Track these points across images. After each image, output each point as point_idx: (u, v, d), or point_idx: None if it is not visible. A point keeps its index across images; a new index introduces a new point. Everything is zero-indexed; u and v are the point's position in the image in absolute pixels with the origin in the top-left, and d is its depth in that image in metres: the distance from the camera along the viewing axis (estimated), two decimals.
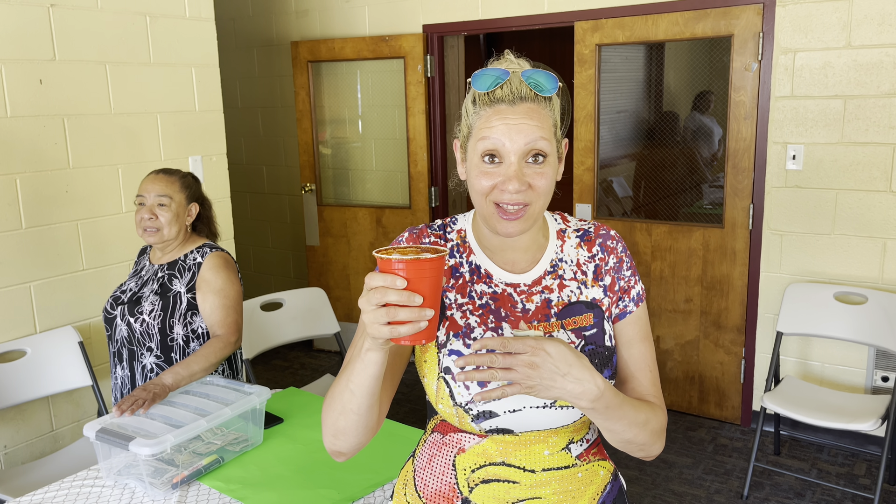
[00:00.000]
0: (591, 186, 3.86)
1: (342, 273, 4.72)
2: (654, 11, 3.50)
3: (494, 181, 1.08)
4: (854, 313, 3.09)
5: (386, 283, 0.91)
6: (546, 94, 1.09)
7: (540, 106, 1.09)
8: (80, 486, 1.82)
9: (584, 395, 0.99)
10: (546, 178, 1.08)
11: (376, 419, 1.09)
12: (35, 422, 2.82)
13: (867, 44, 3.07)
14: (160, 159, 3.17)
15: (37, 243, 2.76)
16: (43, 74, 2.74)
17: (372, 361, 0.99)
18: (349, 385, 1.03)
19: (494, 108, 1.08)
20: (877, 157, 3.13)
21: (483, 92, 1.09)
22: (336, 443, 1.10)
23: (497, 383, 1.03)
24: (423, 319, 0.92)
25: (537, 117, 1.07)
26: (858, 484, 3.09)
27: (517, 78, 1.09)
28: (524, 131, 1.06)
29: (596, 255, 1.20)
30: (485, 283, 1.16)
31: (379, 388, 1.03)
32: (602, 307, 1.17)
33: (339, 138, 4.76)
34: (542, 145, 1.07)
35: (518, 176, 1.06)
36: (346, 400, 1.04)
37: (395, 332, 0.91)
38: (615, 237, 1.22)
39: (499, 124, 1.07)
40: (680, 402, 3.79)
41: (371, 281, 0.92)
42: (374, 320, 0.91)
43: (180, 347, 2.20)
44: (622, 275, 1.20)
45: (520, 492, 1.12)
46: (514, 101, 1.07)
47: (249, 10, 4.94)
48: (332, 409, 1.08)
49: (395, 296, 0.90)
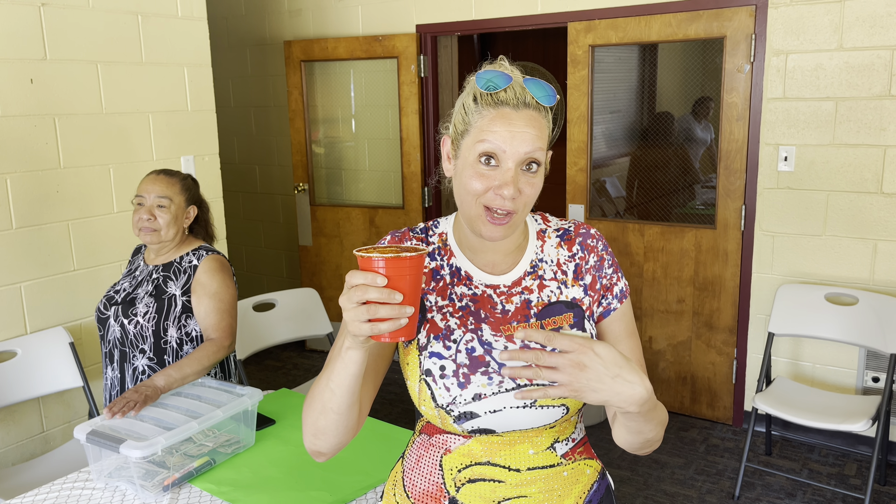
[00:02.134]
0: (584, 187, 3.87)
1: (335, 273, 4.71)
2: (647, 13, 3.51)
3: (488, 184, 1.08)
4: (845, 314, 3.11)
5: (366, 280, 0.92)
6: (548, 104, 1.10)
7: (540, 115, 1.10)
8: (71, 488, 1.81)
9: (633, 398, 0.95)
10: (535, 188, 1.10)
11: (356, 419, 1.10)
12: (26, 423, 2.81)
13: (859, 46, 3.08)
14: (152, 159, 3.16)
15: (27, 243, 2.74)
16: (34, 74, 2.72)
17: (352, 360, 1.00)
18: (329, 384, 1.04)
19: (499, 111, 1.08)
20: (868, 159, 3.14)
21: (487, 92, 1.09)
22: (316, 442, 1.10)
23: (541, 381, 0.99)
24: (404, 316, 0.92)
25: (537, 126, 1.09)
26: (849, 484, 3.11)
27: (519, 84, 1.10)
28: (526, 139, 1.07)
29: (576, 254, 1.20)
30: (465, 285, 1.17)
31: (359, 387, 1.04)
32: (582, 306, 1.17)
33: (333, 138, 4.76)
34: (538, 155, 1.09)
35: (514, 182, 1.07)
36: (327, 399, 1.05)
37: (375, 329, 0.92)
38: (595, 235, 1.22)
39: (501, 129, 1.07)
40: (672, 402, 3.80)
41: (352, 279, 0.93)
42: (355, 318, 0.92)
43: (173, 350, 2.19)
44: (603, 273, 1.20)
45: (506, 490, 1.13)
46: (518, 106, 1.08)
47: (242, 9, 4.92)
48: (312, 408, 1.08)
49: (376, 293, 0.91)
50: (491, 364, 1.11)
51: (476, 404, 1.09)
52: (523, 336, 0.95)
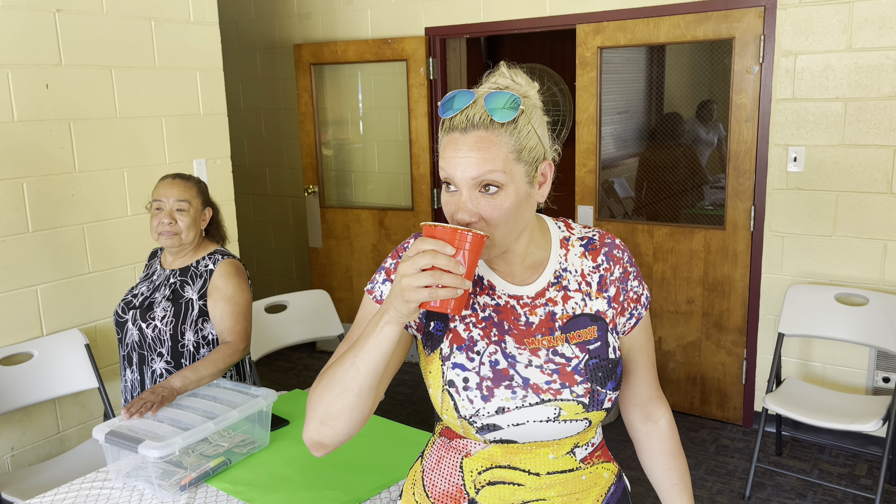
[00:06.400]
0: (592, 188, 3.88)
1: (345, 275, 4.74)
2: (655, 14, 3.52)
3: (451, 210, 1.07)
4: (855, 314, 3.11)
5: (437, 247, 0.93)
6: (501, 120, 1.03)
7: (493, 133, 1.03)
8: (90, 487, 1.83)
9: None
10: (500, 209, 1.04)
11: (370, 407, 1.07)
12: (42, 424, 2.84)
13: (868, 46, 3.09)
14: (165, 163, 3.19)
15: (43, 247, 2.78)
16: (49, 79, 2.76)
17: (387, 336, 0.99)
18: (356, 362, 1.02)
19: (449, 137, 1.06)
20: (877, 159, 3.14)
21: (444, 118, 1.07)
22: (322, 430, 1.06)
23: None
24: (463, 287, 0.94)
25: (486, 147, 1.03)
26: (860, 484, 3.11)
27: (480, 102, 1.05)
28: (470, 164, 1.03)
29: (601, 264, 1.19)
30: (488, 294, 1.16)
31: (383, 370, 1.03)
32: (606, 319, 1.16)
33: (342, 140, 4.78)
34: (492, 177, 1.03)
35: (465, 207, 1.04)
36: (350, 379, 1.02)
37: (434, 295, 0.93)
38: (620, 246, 1.21)
39: (450, 154, 1.05)
40: (682, 403, 3.81)
41: (421, 244, 0.94)
42: (416, 283, 0.93)
43: (190, 353, 2.22)
44: (629, 286, 1.19)
45: (525, 494, 1.14)
46: (466, 128, 1.04)
47: (252, 12, 4.95)
48: (328, 390, 1.04)
49: (444, 260, 0.93)
50: (515, 378, 1.09)
51: (499, 417, 1.08)
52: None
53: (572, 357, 1.12)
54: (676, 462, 1.29)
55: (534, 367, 1.10)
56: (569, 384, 1.10)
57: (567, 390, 1.09)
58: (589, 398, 1.10)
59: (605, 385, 1.12)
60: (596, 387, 1.11)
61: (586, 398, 1.10)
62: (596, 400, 1.11)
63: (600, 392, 1.11)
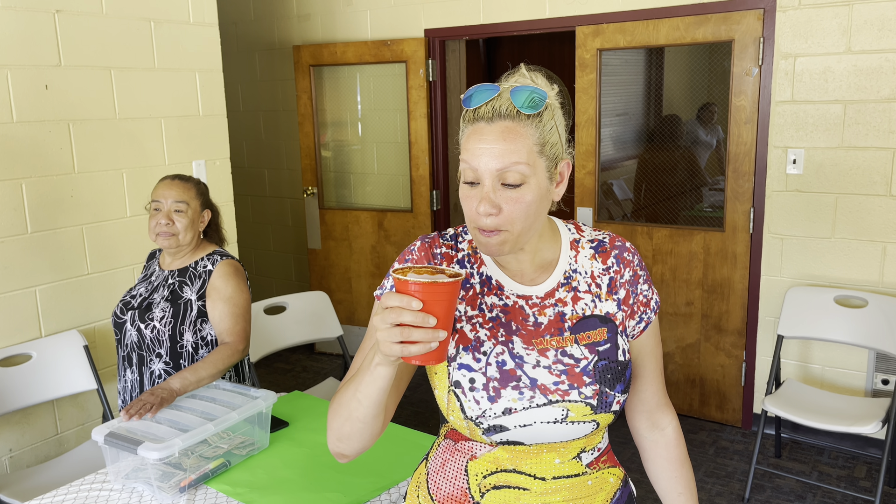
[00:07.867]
0: (592, 190, 3.88)
1: (344, 276, 4.74)
2: (655, 16, 3.52)
3: (471, 204, 1.06)
4: (854, 317, 3.11)
5: (402, 303, 0.92)
6: (527, 112, 1.04)
7: (519, 124, 1.04)
8: (89, 489, 1.83)
9: None
10: (521, 203, 1.04)
11: (381, 426, 1.10)
12: (40, 425, 2.84)
13: (867, 49, 3.09)
14: (164, 164, 3.19)
15: (42, 248, 2.77)
16: (48, 80, 2.75)
17: (381, 376, 1.00)
18: (356, 395, 1.04)
19: (474, 127, 1.05)
20: (877, 162, 3.15)
21: (469, 109, 1.07)
22: (340, 445, 1.11)
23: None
24: (436, 340, 0.93)
25: (513, 137, 1.03)
26: (859, 486, 3.11)
27: (505, 95, 1.05)
28: (497, 155, 1.02)
29: (611, 267, 1.18)
30: (496, 294, 1.15)
31: (385, 399, 1.04)
32: (616, 321, 1.16)
33: (341, 142, 4.78)
34: (517, 169, 1.03)
35: (488, 198, 1.03)
36: (353, 408, 1.05)
37: (406, 351, 0.92)
38: (631, 249, 1.20)
39: (474, 145, 1.04)
40: (681, 404, 3.81)
41: (387, 300, 0.93)
42: (387, 338, 0.93)
43: (189, 354, 2.21)
44: (639, 289, 1.19)
45: (530, 498, 1.13)
46: (492, 118, 1.04)
47: (251, 13, 4.95)
48: (338, 414, 1.08)
49: (410, 317, 0.91)
50: (522, 378, 1.09)
51: (506, 418, 1.08)
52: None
53: (581, 358, 1.11)
54: (683, 471, 1.29)
55: (542, 368, 1.10)
56: (577, 385, 1.09)
57: (575, 391, 1.09)
58: (597, 400, 1.10)
59: (613, 387, 1.11)
60: (605, 388, 1.10)
61: (594, 400, 1.09)
62: (604, 402, 1.10)
63: (609, 394, 1.11)
